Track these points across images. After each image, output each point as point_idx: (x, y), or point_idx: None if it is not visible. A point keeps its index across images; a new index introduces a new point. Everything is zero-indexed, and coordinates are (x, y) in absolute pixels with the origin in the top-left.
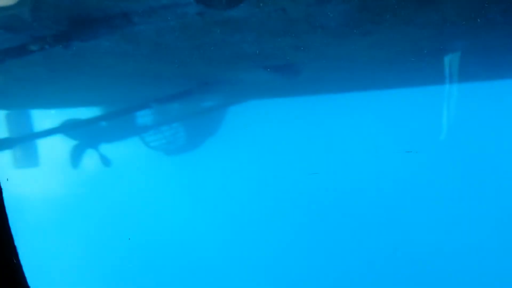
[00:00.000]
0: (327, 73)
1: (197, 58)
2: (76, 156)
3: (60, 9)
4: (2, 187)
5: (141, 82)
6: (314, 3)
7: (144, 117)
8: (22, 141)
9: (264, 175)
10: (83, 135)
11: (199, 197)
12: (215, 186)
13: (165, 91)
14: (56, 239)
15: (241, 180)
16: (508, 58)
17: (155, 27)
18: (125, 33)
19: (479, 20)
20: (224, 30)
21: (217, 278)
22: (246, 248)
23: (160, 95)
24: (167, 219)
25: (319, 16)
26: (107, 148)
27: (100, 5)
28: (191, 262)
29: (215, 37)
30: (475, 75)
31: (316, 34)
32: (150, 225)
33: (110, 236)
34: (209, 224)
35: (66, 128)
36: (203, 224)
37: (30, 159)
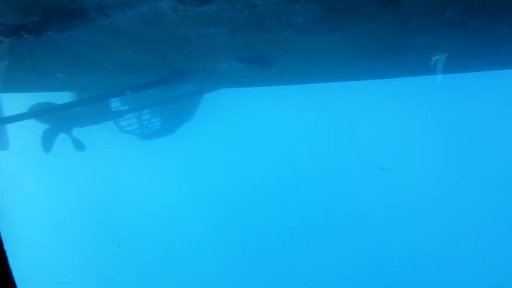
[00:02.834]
0: (298, 65)
1: (172, 49)
2: (48, 140)
3: None
4: None
5: (115, 70)
6: (283, 1)
7: (118, 103)
8: None
9: (235, 159)
10: (56, 119)
11: (172, 180)
12: (188, 170)
13: (139, 79)
14: (26, 224)
15: (213, 163)
16: (463, 55)
17: (129, 19)
18: (98, 24)
19: (437, 19)
20: (197, 24)
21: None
22: (215, 230)
23: (135, 83)
24: (139, 202)
25: (289, 13)
26: (80, 133)
27: None
28: (161, 246)
29: (189, 30)
30: (435, 69)
31: (286, 29)
32: (122, 208)
33: (81, 219)
34: (182, 208)
35: (37, 113)
36: (176, 207)
37: (0, 142)
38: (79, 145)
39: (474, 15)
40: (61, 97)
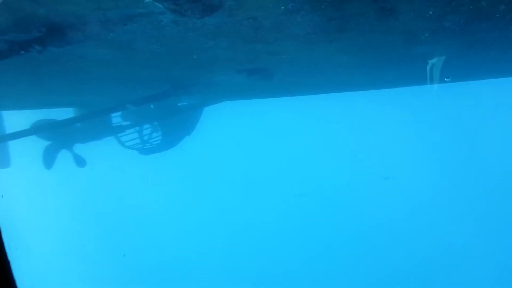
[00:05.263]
0: (298, 77)
1: (172, 62)
2: (49, 157)
3: (36, 16)
4: None
5: (116, 85)
6: (283, 13)
7: (119, 118)
8: None
9: (238, 172)
10: (57, 136)
11: (174, 195)
12: (190, 185)
13: (140, 93)
14: (30, 240)
15: (215, 178)
16: (465, 63)
17: (131, 33)
18: (100, 39)
19: (435, 29)
20: (198, 36)
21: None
22: (214, 244)
23: (136, 97)
24: (141, 217)
25: (289, 24)
26: (81, 149)
27: (76, 13)
28: (162, 257)
29: (190, 43)
30: (432, 75)
31: (287, 41)
32: (124, 223)
33: (83, 233)
34: (183, 222)
35: (39, 129)
36: (177, 222)
37: (2, 160)
38: (80, 161)
39: (473, 23)
40: (62, 113)
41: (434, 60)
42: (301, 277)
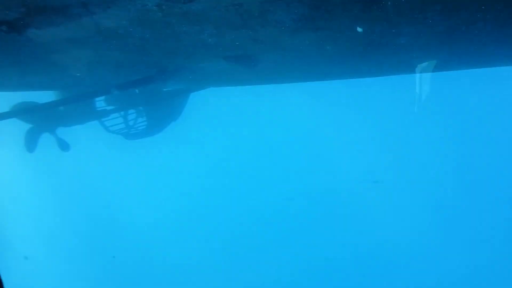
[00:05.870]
0: (283, 64)
1: (157, 47)
2: (31, 140)
3: None
4: None
5: (100, 69)
6: (269, 0)
7: (103, 102)
8: None
9: (224, 159)
10: (39, 119)
11: (160, 181)
12: (175, 171)
13: (125, 77)
14: (9, 227)
15: (201, 163)
16: (446, 53)
17: (114, 17)
18: (83, 22)
19: (418, 19)
20: (183, 22)
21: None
22: (199, 235)
23: (120, 82)
24: (126, 203)
25: (274, 11)
26: (65, 132)
27: None
28: (147, 248)
29: (175, 28)
30: (418, 68)
31: (272, 28)
32: (109, 210)
33: (66, 221)
34: (168, 209)
35: (21, 112)
36: (164, 209)
37: None
38: (63, 145)
39: (454, 14)
40: (45, 96)
41: (424, 64)
42: (287, 280)
